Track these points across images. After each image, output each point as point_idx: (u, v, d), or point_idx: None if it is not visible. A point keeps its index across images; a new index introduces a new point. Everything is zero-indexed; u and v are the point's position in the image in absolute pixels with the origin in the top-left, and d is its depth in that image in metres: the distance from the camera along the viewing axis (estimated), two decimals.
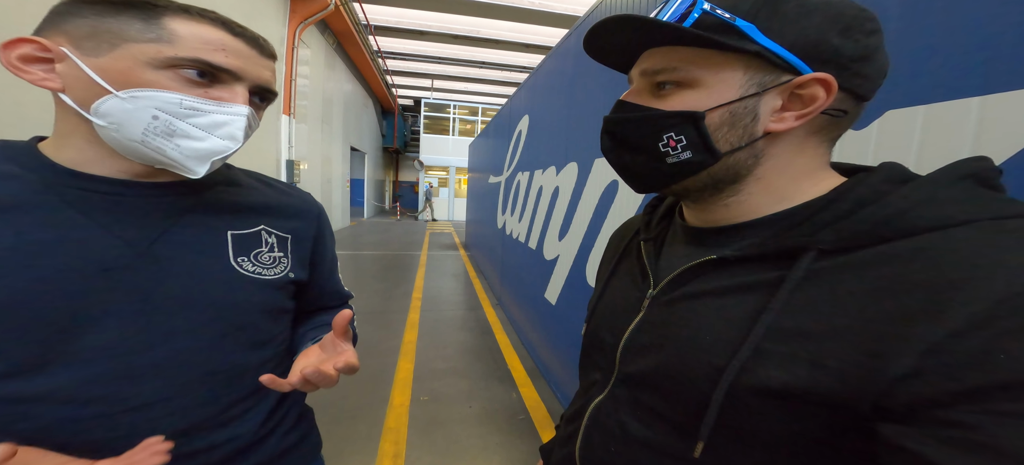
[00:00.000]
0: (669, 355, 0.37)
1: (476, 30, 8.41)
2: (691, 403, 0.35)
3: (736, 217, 0.38)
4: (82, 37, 0.41)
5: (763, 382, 0.31)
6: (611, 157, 0.42)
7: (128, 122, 0.42)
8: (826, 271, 0.31)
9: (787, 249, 0.33)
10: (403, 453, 1.80)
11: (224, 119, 0.45)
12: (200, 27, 0.43)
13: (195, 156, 0.44)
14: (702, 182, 0.37)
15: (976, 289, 0.25)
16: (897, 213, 0.29)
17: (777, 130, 0.34)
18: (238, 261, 0.53)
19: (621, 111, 0.39)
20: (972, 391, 0.24)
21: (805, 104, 0.33)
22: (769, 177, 0.36)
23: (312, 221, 0.63)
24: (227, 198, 0.54)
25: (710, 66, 0.34)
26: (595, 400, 0.45)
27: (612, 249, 0.57)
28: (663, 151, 0.36)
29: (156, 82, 0.42)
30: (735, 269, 0.36)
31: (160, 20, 0.42)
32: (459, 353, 2.92)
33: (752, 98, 0.34)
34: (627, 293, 0.46)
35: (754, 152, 0.35)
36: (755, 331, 0.31)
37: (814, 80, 0.32)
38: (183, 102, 0.42)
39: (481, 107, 14.54)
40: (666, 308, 0.40)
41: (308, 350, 0.54)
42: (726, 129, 0.34)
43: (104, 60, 0.41)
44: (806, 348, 0.29)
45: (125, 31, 0.41)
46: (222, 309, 0.50)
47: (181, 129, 0.43)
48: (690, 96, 0.35)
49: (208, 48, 0.43)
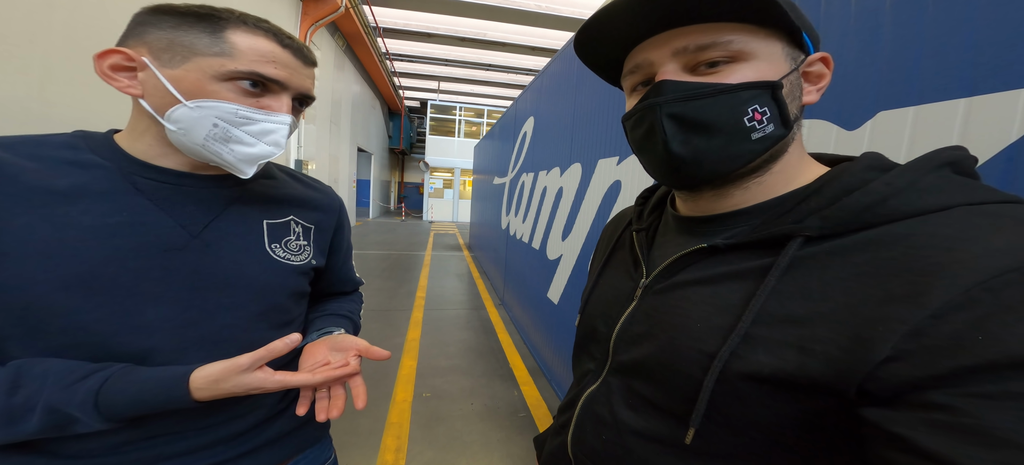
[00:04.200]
0: (661, 343, 0.37)
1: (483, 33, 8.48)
2: (683, 390, 0.35)
3: (727, 206, 0.39)
4: (161, 49, 0.46)
5: (753, 368, 0.31)
6: (672, 146, 0.35)
7: (194, 128, 0.46)
8: (812, 257, 0.31)
9: (775, 236, 0.33)
10: (405, 447, 1.83)
11: (271, 127, 0.49)
12: (256, 39, 0.47)
13: (246, 160, 0.49)
14: (760, 162, 0.36)
15: (955, 272, 0.25)
16: (880, 200, 0.30)
17: (810, 103, 0.37)
18: (271, 247, 0.57)
19: (681, 91, 0.34)
20: (954, 373, 0.24)
21: (815, 82, 0.36)
22: (788, 159, 0.37)
23: (334, 214, 0.68)
24: (263, 190, 0.59)
25: (760, 40, 0.34)
26: (588, 390, 0.45)
27: (605, 240, 0.57)
28: (749, 125, 0.34)
29: (218, 93, 0.46)
30: (726, 257, 0.36)
31: (223, 33, 0.46)
32: (462, 351, 2.95)
33: (794, 73, 0.35)
34: (620, 283, 0.47)
35: (799, 127, 0.37)
36: (745, 317, 0.32)
37: (819, 58, 0.35)
38: (239, 112, 0.47)
39: (487, 109, 14.61)
40: (658, 297, 0.40)
41: (314, 347, 0.58)
42: (791, 100, 0.35)
43: (178, 71, 0.46)
44: (794, 333, 0.30)
45: (195, 44, 0.46)
46: (258, 291, 0.55)
47: (236, 136, 0.48)
48: (750, 68, 0.34)
49: (262, 61, 0.47)
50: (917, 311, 0.25)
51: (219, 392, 0.46)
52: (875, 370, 0.26)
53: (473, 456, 1.82)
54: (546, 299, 2.57)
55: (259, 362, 0.45)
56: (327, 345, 0.58)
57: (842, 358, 0.27)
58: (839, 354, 0.28)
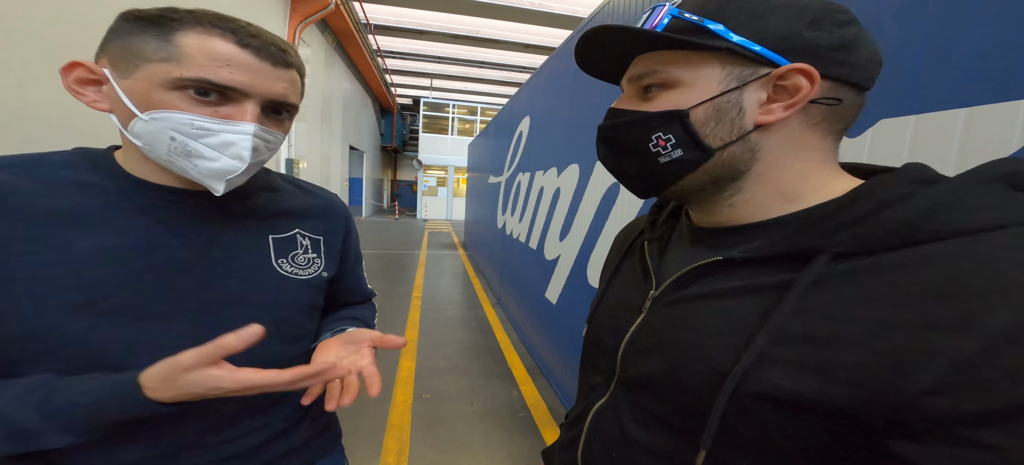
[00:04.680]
0: (670, 358, 0.37)
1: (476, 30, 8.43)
2: (692, 409, 0.34)
3: (744, 217, 0.38)
4: (117, 58, 0.43)
5: (768, 389, 0.29)
6: (608, 164, 0.42)
7: (154, 143, 0.44)
8: (840, 275, 0.29)
9: (799, 251, 0.32)
10: (407, 450, 1.83)
11: (232, 138, 0.44)
12: (208, 40, 0.42)
13: (211, 175, 0.45)
14: (700, 181, 0.37)
15: (1009, 301, 0.23)
16: (922, 215, 0.27)
17: (767, 122, 0.34)
18: (279, 263, 0.56)
19: (612, 117, 0.40)
20: (1002, 412, 0.22)
21: (791, 94, 0.33)
22: (772, 174, 0.36)
23: (341, 222, 0.66)
24: (266, 204, 0.57)
25: (688, 66, 0.35)
26: (596, 404, 0.45)
27: (616, 249, 0.56)
28: (654, 151, 0.37)
29: (169, 103, 0.42)
30: (742, 271, 0.35)
31: (173, 36, 0.42)
32: (459, 352, 2.95)
33: (734, 92, 0.34)
34: (629, 294, 0.46)
35: (749, 146, 0.35)
36: (760, 335, 0.30)
37: (793, 71, 0.32)
38: (194, 122, 0.43)
39: (480, 107, 14.56)
40: (668, 309, 0.39)
41: (327, 344, 0.57)
42: (713, 124, 0.35)
43: (130, 81, 0.43)
44: (815, 355, 0.28)
45: (143, 50, 0.42)
46: (267, 307, 0.53)
47: (196, 149, 0.44)
48: (674, 96, 0.36)
49: (213, 65, 0.42)
50: (964, 341, 0.23)
51: (177, 391, 0.41)
52: (910, 401, 0.24)
53: (475, 457, 1.82)
54: (544, 299, 2.58)
55: (206, 358, 0.40)
56: (340, 340, 0.57)
57: (869, 385, 0.26)
58: (867, 380, 0.26)
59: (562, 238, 2.34)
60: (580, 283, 2.06)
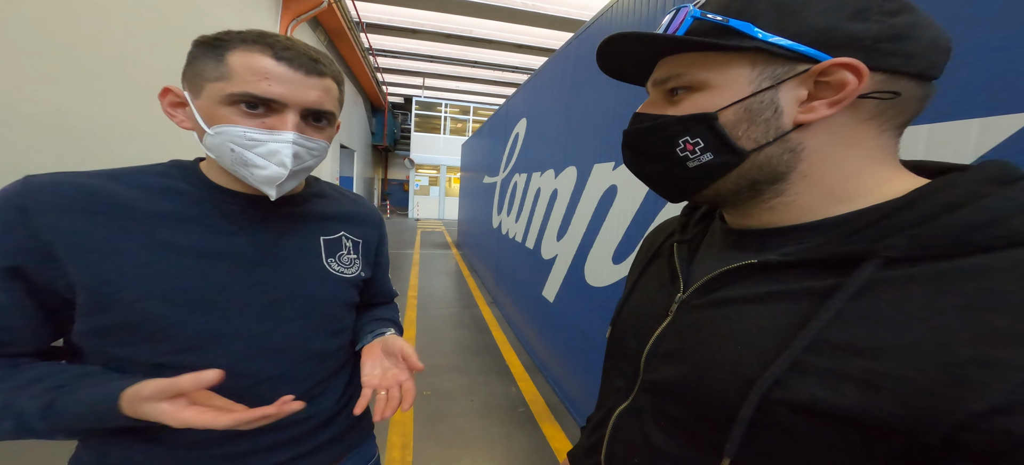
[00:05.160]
0: (695, 363, 0.35)
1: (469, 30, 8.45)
2: (717, 417, 0.33)
3: (785, 219, 0.36)
4: (190, 81, 0.49)
5: (801, 399, 0.28)
6: (635, 169, 0.41)
7: (220, 154, 0.50)
8: (893, 281, 0.27)
9: (847, 255, 0.29)
10: (411, 444, 1.87)
11: (276, 147, 0.49)
12: (250, 57, 0.47)
13: (264, 182, 0.50)
14: (735, 184, 0.35)
15: None
16: (995, 219, 0.25)
17: (808, 120, 0.32)
18: (328, 262, 0.62)
19: (636, 122, 0.39)
20: None
21: (835, 91, 0.31)
22: (819, 174, 0.33)
23: (376, 228, 0.73)
24: (318, 209, 0.64)
25: (715, 67, 0.33)
26: (618, 408, 0.44)
27: (644, 251, 0.55)
28: (681, 156, 0.35)
29: (226, 117, 0.47)
30: (779, 275, 0.33)
31: (224, 56, 0.47)
32: (457, 350, 3.00)
33: (767, 92, 0.32)
34: (654, 297, 0.45)
35: (789, 147, 0.33)
36: (796, 343, 0.29)
37: (837, 66, 0.30)
38: (246, 134, 0.48)
39: (473, 106, 14.56)
40: (695, 313, 0.38)
41: (372, 351, 0.62)
42: (746, 126, 0.33)
43: (200, 101, 0.49)
44: (858, 365, 0.26)
45: (205, 72, 0.48)
46: (318, 302, 0.60)
47: (250, 159, 0.49)
48: (701, 98, 0.34)
49: (255, 79, 0.47)
50: None
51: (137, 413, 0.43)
52: (974, 419, 0.23)
53: (477, 451, 1.88)
54: (541, 298, 2.64)
55: (161, 393, 0.42)
56: (380, 347, 0.63)
57: (922, 399, 0.24)
58: (920, 395, 0.24)
59: (560, 238, 2.39)
60: (577, 281, 2.12)
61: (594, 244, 1.96)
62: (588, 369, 1.99)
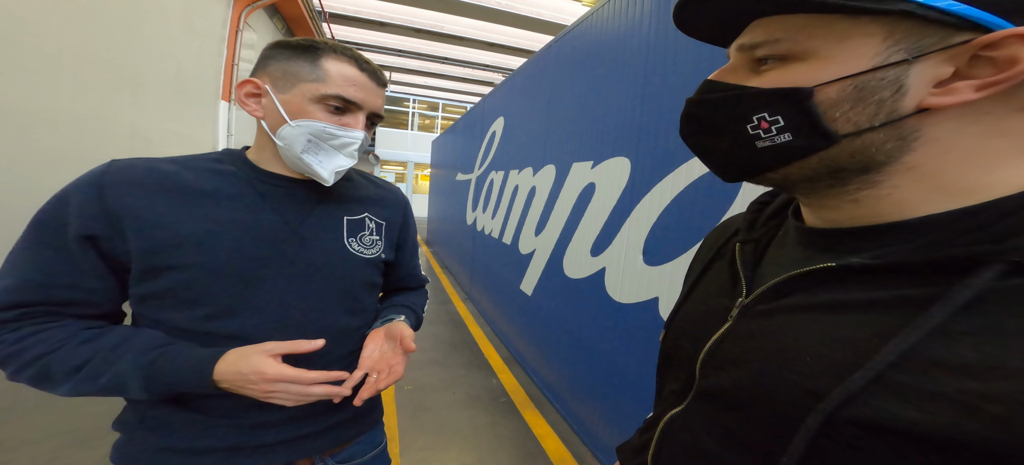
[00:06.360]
0: (754, 371, 0.32)
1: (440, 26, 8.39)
2: (774, 429, 0.30)
3: (876, 215, 0.31)
4: (278, 77, 0.57)
5: (880, 418, 0.25)
6: (691, 142, 0.36)
7: (294, 143, 0.57)
8: (1012, 292, 0.23)
9: (954, 260, 0.25)
10: (396, 437, 1.90)
11: (348, 141, 0.59)
12: (342, 65, 0.57)
13: (328, 170, 0.59)
14: (812, 170, 0.30)
15: None
16: None
17: (941, 105, 0.26)
18: (348, 241, 0.66)
19: (706, 91, 0.34)
20: None
21: (998, 69, 0.25)
22: (935, 167, 0.28)
23: (400, 211, 0.76)
24: (344, 191, 0.69)
25: (831, 34, 0.28)
26: (670, 412, 0.41)
27: (705, 250, 0.50)
28: (751, 134, 0.31)
29: (312, 113, 0.56)
30: (863, 281, 0.29)
31: (320, 61, 0.56)
32: (435, 344, 3.03)
33: (895, 67, 0.26)
34: (713, 300, 0.41)
35: (898, 133, 0.27)
36: (880, 356, 0.25)
37: (1013, 37, 0.24)
38: (325, 129, 0.57)
39: (442, 103, 14.42)
40: (759, 320, 0.34)
41: (376, 335, 0.67)
42: (848, 106, 0.28)
43: (287, 96, 0.56)
44: (957, 384, 0.23)
45: (300, 72, 0.56)
46: (338, 279, 0.64)
47: (323, 149, 0.58)
48: (798, 71, 0.29)
49: (346, 84, 0.57)
50: None
51: (237, 370, 0.52)
52: None
53: (464, 440, 1.93)
54: (519, 291, 2.72)
55: (280, 351, 0.54)
56: (384, 332, 0.67)
57: None
58: None
59: (538, 233, 2.48)
60: (556, 274, 2.22)
61: (573, 238, 2.06)
62: (566, 358, 2.09)
